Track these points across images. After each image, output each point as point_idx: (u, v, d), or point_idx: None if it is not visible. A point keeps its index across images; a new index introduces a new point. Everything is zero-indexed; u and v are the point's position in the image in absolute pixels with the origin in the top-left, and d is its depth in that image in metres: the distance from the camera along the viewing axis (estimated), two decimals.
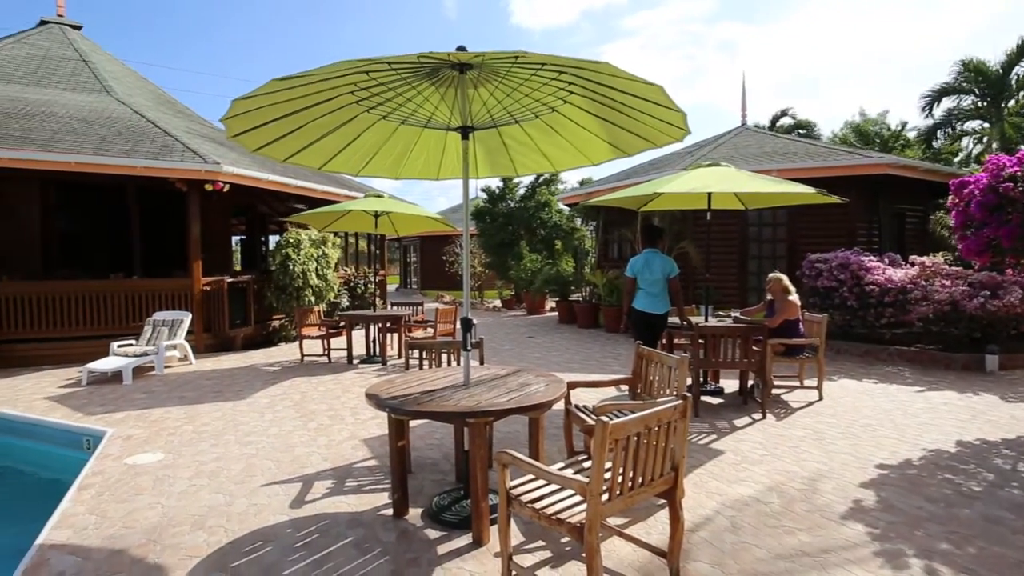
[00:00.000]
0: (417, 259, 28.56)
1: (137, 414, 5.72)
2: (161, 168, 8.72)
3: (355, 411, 5.75)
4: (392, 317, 8.33)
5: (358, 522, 3.36)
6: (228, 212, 13.17)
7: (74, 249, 11.87)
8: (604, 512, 2.42)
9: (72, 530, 3.32)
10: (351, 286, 12.03)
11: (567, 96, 3.39)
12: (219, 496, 3.75)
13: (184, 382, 7.23)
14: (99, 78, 13.34)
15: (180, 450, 4.65)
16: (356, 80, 3.17)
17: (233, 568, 2.89)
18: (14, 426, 5.68)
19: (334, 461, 4.36)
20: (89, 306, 8.84)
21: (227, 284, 9.58)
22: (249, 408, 5.91)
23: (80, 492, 3.85)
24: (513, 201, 17.66)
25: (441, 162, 4.44)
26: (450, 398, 3.14)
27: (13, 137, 8.52)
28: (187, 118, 14.29)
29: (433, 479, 3.98)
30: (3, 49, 13.71)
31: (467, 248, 3.61)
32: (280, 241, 10.22)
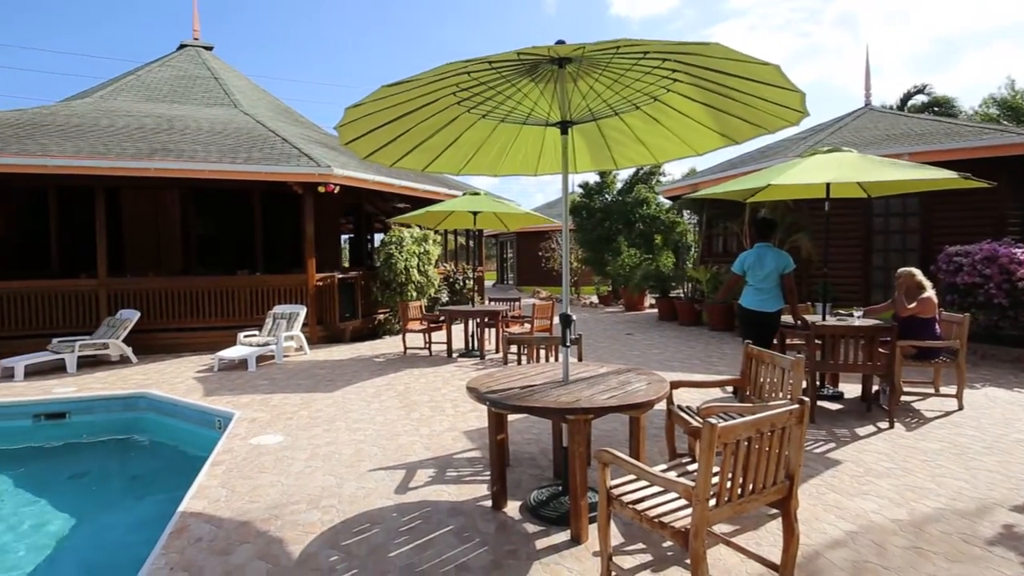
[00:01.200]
0: (513, 255, 28.91)
1: (260, 399, 6.24)
2: (281, 173, 9.44)
3: (455, 403, 5.91)
4: (490, 312, 8.48)
5: (458, 511, 3.45)
6: (338, 212, 14.04)
7: (207, 248, 13.18)
8: (711, 518, 2.30)
9: (207, 501, 3.68)
10: (450, 282, 12.39)
11: (670, 84, 3.26)
12: (331, 478, 4.00)
13: (300, 371, 7.79)
14: (228, 93, 14.71)
15: (297, 433, 5.02)
16: (458, 81, 3.23)
17: (344, 546, 3.06)
18: (161, 405, 6.40)
19: (435, 451, 4.51)
20: (219, 300, 9.77)
21: (337, 280, 10.20)
22: (357, 397, 6.25)
23: (213, 467, 4.26)
24: (611, 195, 17.36)
25: (539, 157, 4.44)
26: (549, 394, 3.12)
27: (160, 150, 9.58)
28: (302, 125, 15.39)
29: (531, 474, 4.00)
30: (151, 72, 15.50)
31: (566, 243, 3.58)
32: (384, 239, 10.73)
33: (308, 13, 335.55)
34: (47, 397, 6.55)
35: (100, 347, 8.39)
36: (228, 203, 12.99)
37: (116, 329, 8.61)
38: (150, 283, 9.73)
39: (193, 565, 2.90)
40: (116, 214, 11.58)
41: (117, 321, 8.79)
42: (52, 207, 11.44)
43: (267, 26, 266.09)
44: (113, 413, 6.53)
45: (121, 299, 9.38)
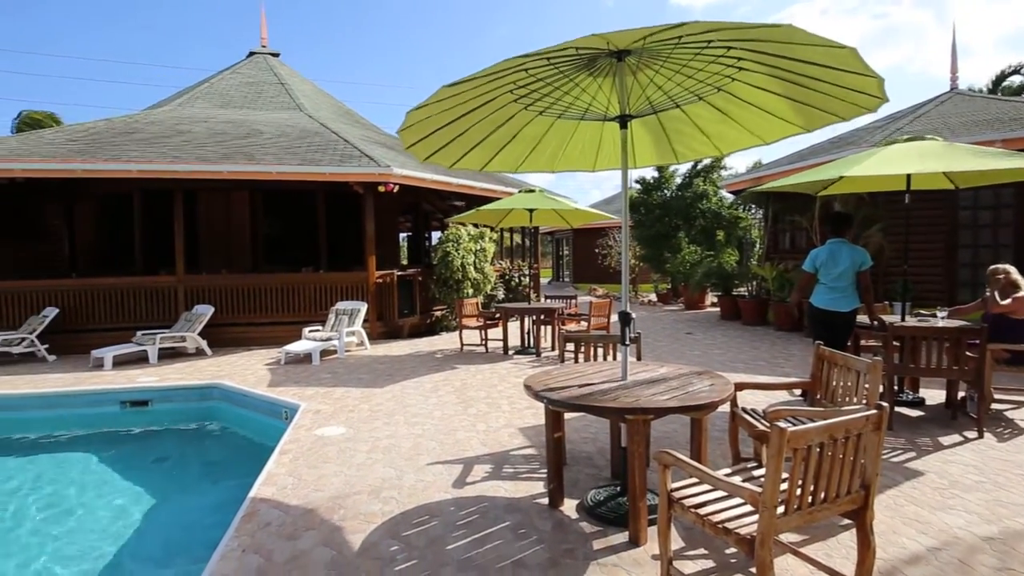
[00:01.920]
0: (569, 252, 28.75)
1: (323, 391, 6.46)
2: (343, 173, 9.73)
3: (511, 400, 5.92)
4: (546, 310, 8.45)
5: (515, 508, 3.45)
6: (396, 211, 14.36)
7: (274, 247, 13.76)
8: (778, 527, 2.20)
9: (275, 487, 3.83)
10: (506, 279, 12.45)
11: (736, 72, 3.13)
12: (391, 470, 4.09)
13: (361, 365, 8.02)
14: (293, 97, 15.30)
15: (359, 426, 5.16)
16: (515, 79, 3.22)
17: (404, 537, 3.13)
18: (232, 396, 6.74)
19: (492, 447, 4.53)
20: (286, 296, 10.19)
21: (396, 277, 10.44)
22: (416, 392, 6.37)
23: (280, 456, 4.44)
24: (670, 190, 16.93)
25: (597, 153, 4.37)
26: (608, 393, 3.07)
27: (232, 153, 10.08)
28: (363, 127, 15.83)
29: (588, 473, 3.95)
30: (223, 80, 16.32)
31: (626, 240, 3.51)
32: (441, 237, 10.89)
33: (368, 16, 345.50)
34: (132, 386, 7.02)
35: (178, 340, 8.92)
36: (293, 203, 13.51)
37: (192, 323, 9.14)
38: (222, 280, 10.27)
39: (263, 548, 3.03)
40: (192, 215, 12.26)
41: (193, 316, 9.32)
42: (137, 210, 12.25)
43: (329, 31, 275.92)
44: (190, 402, 6.93)
45: (197, 295, 9.94)
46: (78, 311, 9.62)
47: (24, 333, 8.77)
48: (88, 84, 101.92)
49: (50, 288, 9.68)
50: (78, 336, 9.39)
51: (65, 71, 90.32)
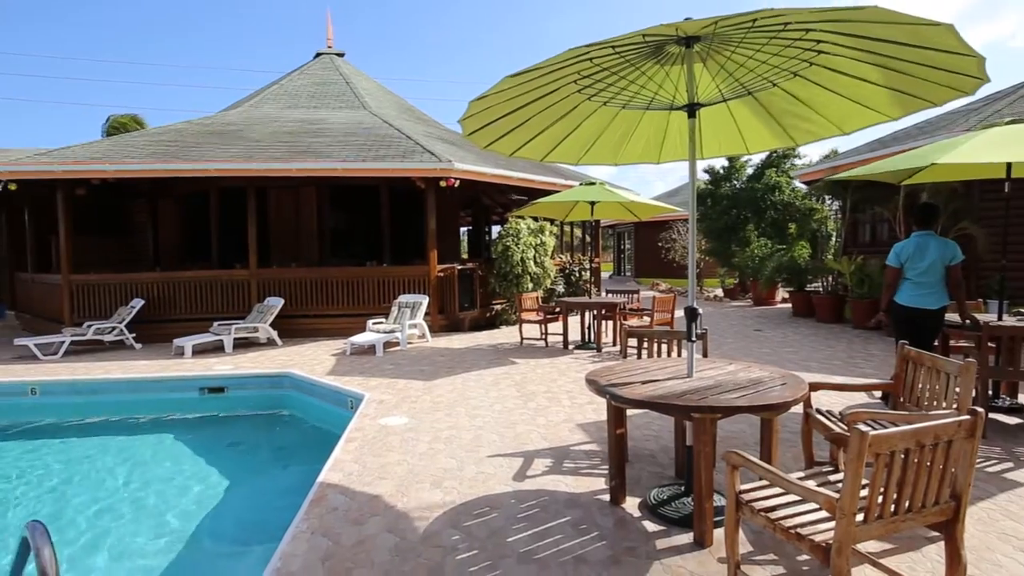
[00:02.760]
0: (631, 246, 28.25)
1: (387, 382, 6.62)
2: (405, 169, 9.93)
3: (571, 394, 5.88)
4: (607, 304, 8.34)
5: (575, 503, 3.42)
6: (457, 206, 14.52)
7: (339, 241, 14.22)
8: (857, 536, 2.08)
9: (342, 474, 3.96)
10: (566, 273, 12.37)
11: (815, 56, 2.96)
12: (452, 461, 4.14)
13: (422, 357, 8.17)
14: (357, 96, 15.73)
15: (421, 416, 5.26)
16: (579, 68, 3.17)
17: (465, 527, 3.16)
18: (301, 384, 7.02)
19: (552, 441, 4.51)
20: (351, 289, 10.52)
21: (457, 271, 10.58)
22: (476, 385, 6.44)
23: (347, 444, 4.58)
24: (739, 181, 16.31)
25: (663, 144, 4.25)
26: (673, 389, 2.99)
27: (301, 151, 10.48)
28: (425, 123, 16.09)
29: (651, 471, 3.87)
30: (292, 81, 16.99)
31: (693, 233, 3.39)
32: (501, 231, 10.93)
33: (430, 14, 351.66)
34: (210, 373, 7.44)
35: (251, 330, 9.38)
36: (358, 198, 13.91)
37: (264, 315, 9.58)
38: (291, 273, 10.72)
39: (331, 531, 3.14)
40: (263, 211, 12.83)
41: (265, 307, 9.77)
42: (213, 206, 12.96)
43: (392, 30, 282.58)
44: (262, 390, 7.27)
45: (268, 287, 10.41)
46: (161, 302, 10.29)
47: (115, 322, 9.46)
48: (170, 89, 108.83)
49: (137, 280, 10.40)
50: (161, 326, 10.04)
51: (148, 77, 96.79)
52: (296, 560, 2.86)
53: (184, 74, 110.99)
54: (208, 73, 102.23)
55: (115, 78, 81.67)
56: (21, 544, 1.82)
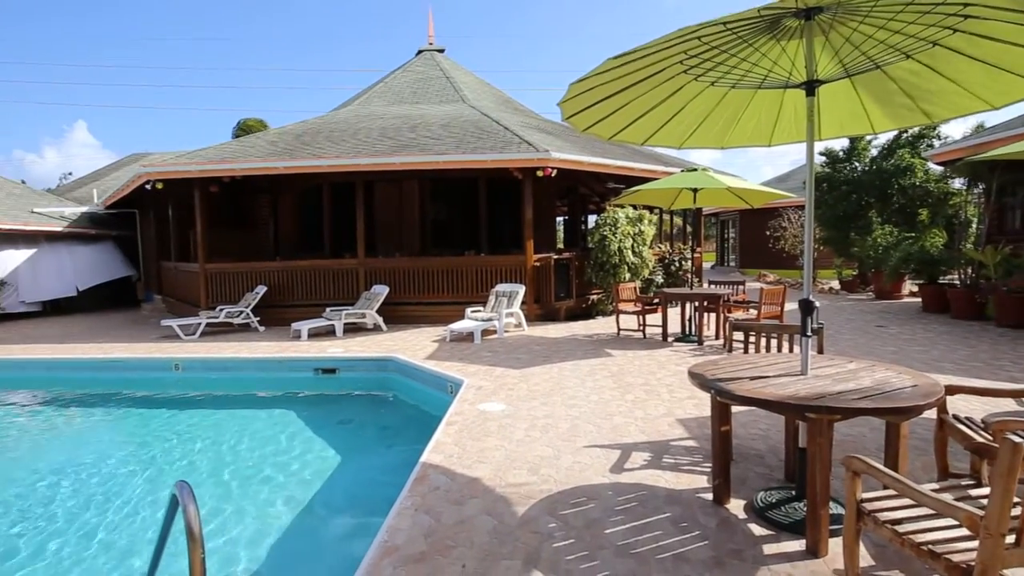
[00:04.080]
0: (736, 235, 26.82)
1: (485, 369, 6.77)
2: (503, 160, 10.05)
3: (671, 388, 5.71)
4: (710, 296, 7.99)
5: (675, 500, 3.32)
6: (554, 195, 14.49)
7: (440, 231, 14.69)
8: (1006, 559, 1.86)
9: (443, 455, 4.11)
10: (666, 263, 11.99)
11: (959, 23, 2.63)
12: (549, 449, 4.16)
13: (519, 346, 8.27)
14: (457, 89, 16.11)
15: (517, 404, 5.33)
16: (687, 48, 3.03)
17: (561, 516, 3.17)
18: (404, 368, 7.35)
19: (650, 435, 4.40)
20: (450, 278, 10.85)
21: (553, 261, 10.57)
22: (572, 374, 6.42)
23: (447, 427, 4.74)
24: (861, 164, 14.92)
25: (775, 125, 3.98)
26: (785, 387, 2.81)
27: (404, 145, 10.92)
28: (522, 114, 16.18)
29: (757, 472, 3.67)
30: (396, 79, 17.71)
31: (810, 220, 3.15)
32: (598, 220, 10.77)
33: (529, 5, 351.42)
34: (323, 355, 7.98)
35: (359, 316, 9.94)
36: (457, 190, 14.29)
37: (371, 301, 10.12)
38: (396, 263, 11.23)
39: (433, 510, 3.27)
40: (370, 203, 13.52)
41: (372, 295, 10.32)
42: (325, 200, 13.84)
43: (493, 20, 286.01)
44: (369, 372, 7.70)
45: (374, 276, 10.98)
46: (281, 289, 11.18)
47: (242, 307, 10.40)
48: (290, 92, 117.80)
49: (260, 269, 11.37)
50: (281, 310, 10.91)
51: (271, 81, 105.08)
52: (401, 534, 3.01)
53: (302, 77, 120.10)
54: (323, 76, 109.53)
55: (243, 84, 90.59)
56: (171, 500, 2.06)
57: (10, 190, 17.15)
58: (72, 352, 8.90)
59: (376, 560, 2.78)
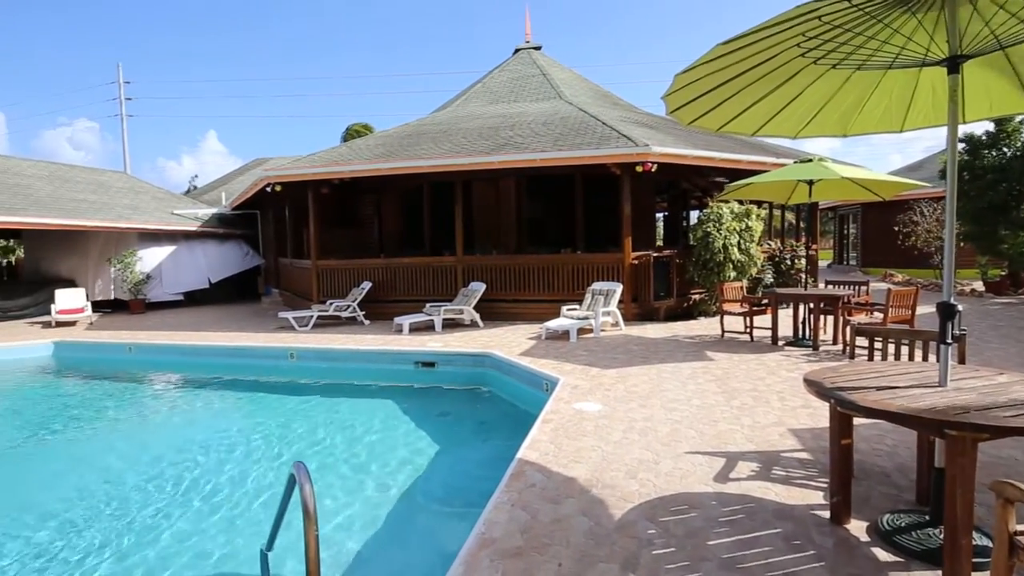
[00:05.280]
0: (857, 230, 24.61)
1: (581, 368, 6.70)
2: (601, 155, 9.88)
3: (782, 396, 5.34)
4: (828, 297, 7.38)
5: (786, 514, 3.09)
6: (653, 191, 14.08)
7: (535, 229, 14.75)
8: None
9: (538, 452, 4.10)
10: (775, 261, 11.25)
11: None
12: (648, 453, 4.03)
13: (615, 345, 8.11)
14: (554, 87, 16.07)
15: (614, 405, 5.22)
16: (804, 29, 2.81)
17: (661, 522, 3.05)
18: (500, 364, 7.44)
19: (759, 444, 4.14)
20: (545, 276, 10.85)
21: (652, 259, 10.26)
22: (672, 377, 6.19)
23: (543, 424, 4.73)
24: (1011, 149, 13.14)
25: (908, 108, 3.60)
26: (919, 399, 2.52)
27: (501, 144, 11.05)
28: (621, 108, 15.85)
29: (882, 491, 3.34)
30: (493, 78, 17.97)
31: (951, 214, 2.80)
32: (701, 216, 10.31)
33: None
34: (423, 349, 8.27)
35: (457, 312, 10.20)
36: (554, 187, 14.27)
37: (468, 298, 10.35)
38: (492, 260, 11.41)
39: (529, 506, 3.27)
40: (468, 202, 13.84)
41: (469, 292, 10.55)
42: (426, 199, 14.34)
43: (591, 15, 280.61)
44: (466, 367, 7.88)
45: (472, 273, 11.23)
46: (384, 285, 11.73)
47: (349, 301, 11.03)
48: (392, 97, 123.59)
49: (365, 266, 12.01)
50: (384, 305, 11.45)
51: (376, 87, 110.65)
52: (498, 527, 3.03)
53: (404, 81, 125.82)
54: (424, 79, 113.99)
55: (352, 91, 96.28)
56: (289, 479, 2.20)
57: (155, 194, 19.33)
58: (204, 339, 9.87)
59: (474, 551, 2.82)
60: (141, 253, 15.30)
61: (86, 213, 14.14)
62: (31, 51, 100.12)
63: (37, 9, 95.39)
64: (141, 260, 15.20)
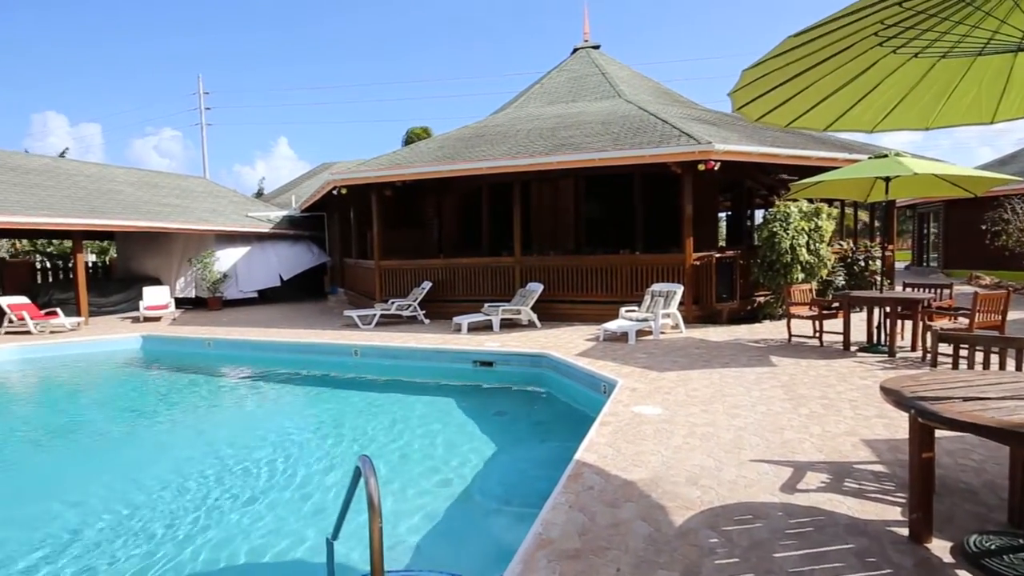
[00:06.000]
0: (938, 230, 23.02)
1: (639, 371, 6.59)
2: (661, 154, 9.68)
3: (855, 404, 5.06)
4: (906, 300, 6.95)
5: (859, 530, 2.93)
6: (715, 189, 13.67)
7: (593, 229, 14.61)
8: None
9: (597, 455, 4.06)
10: (848, 263, 10.68)
11: None
12: (709, 460, 3.92)
13: (676, 348, 7.92)
14: (612, 85, 15.87)
15: (675, 409, 5.10)
16: (883, 16, 2.67)
17: (724, 532, 2.96)
18: (558, 365, 7.42)
19: (829, 454, 3.95)
20: (604, 276, 10.73)
21: (715, 259, 9.96)
22: (735, 381, 5.99)
23: (601, 427, 4.68)
24: None
25: (1001, 98, 3.35)
26: (1015, 412, 2.33)
27: (559, 144, 11.02)
28: (682, 105, 15.48)
29: (969, 510, 3.11)
30: (551, 79, 17.94)
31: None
32: (767, 215, 9.93)
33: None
34: (481, 348, 8.35)
35: (515, 312, 10.25)
36: (612, 187, 14.10)
37: (526, 298, 10.38)
38: (550, 261, 11.39)
39: (587, 508, 3.25)
40: (526, 203, 13.87)
41: (527, 292, 10.58)
42: (484, 200, 14.48)
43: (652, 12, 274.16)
44: (523, 367, 7.90)
45: (529, 273, 11.25)
46: (443, 285, 11.93)
47: (410, 300, 11.29)
48: (451, 99, 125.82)
49: (426, 266, 12.26)
50: (443, 305, 11.66)
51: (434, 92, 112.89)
52: (555, 528, 3.03)
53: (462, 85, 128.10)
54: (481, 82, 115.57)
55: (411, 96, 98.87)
56: (355, 472, 2.28)
57: (231, 198, 20.43)
58: (275, 336, 10.35)
59: (531, 550, 2.83)
60: (219, 253, 16.23)
61: (170, 216, 15.12)
62: (124, 66, 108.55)
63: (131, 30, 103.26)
64: (219, 260, 16.13)
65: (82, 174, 16.70)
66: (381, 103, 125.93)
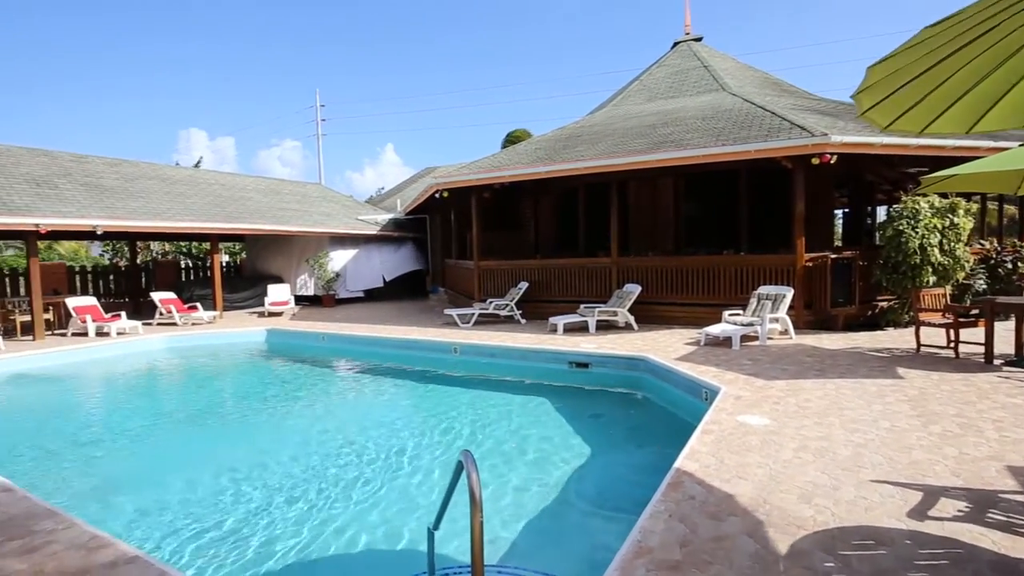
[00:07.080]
0: None
1: (744, 379, 6.27)
2: (770, 148, 9.13)
3: (1000, 425, 4.51)
4: None
5: (1009, 569, 2.62)
6: (830, 185, 12.69)
7: (694, 229, 14.06)
8: None
9: (698, 464, 3.93)
10: (991, 264, 9.52)
11: None
12: (824, 477, 3.66)
13: (785, 355, 7.45)
14: (716, 78, 15.18)
15: (784, 420, 4.81)
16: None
17: (841, 556, 2.76)
18: (656, 369, 7.24)
19: (968, 480, 3.55)
20: (705, 278, 10.31)
21: (830, 260, 9.26)
22: (854, 394, 5.54)
23: (703, 435, 4.52)
24: None
25: None
26: None
27: (658, 142, 10.72)
28: (792, 95, 14.52)
29: None
30: (650, 75, 17.47)
31: None
32: (891, 212, 9.07)
33: None
34: (577, 350, 8.32)
35: (611, 314, 10.11)
36: (714, 184, 13.49)
37: (623, 300, 10.21)
38: (648, 261, 11.12)
39: (687, 519, 3.15)
40: (624, 203, 13.63)
41: (624, 293, 10.40)
42: (580, 201, 14.40)
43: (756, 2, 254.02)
44: (620, 370, 7.78)
45: (627, 274, 11.05)
46: (539, 285, 12.02)
47: (507, 300, 11.48)
48: (550, 100, 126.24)
49: (522, 267, 12.41)
50: (539, 305, 11.74)
51: (535, 94, 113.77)
52: (654, 537, 2.97)
53: (560, 85, 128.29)
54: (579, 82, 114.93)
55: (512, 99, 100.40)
56: (457, 466, 2.37)
57: (343, 203, 21.82)
58: (382, 332, 10.93)
59: (629, 558, 2.79)
60: (332, 254, 17.42)
61: (291, 220, 16.43)
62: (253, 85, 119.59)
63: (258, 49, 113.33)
64: (332, 260, 17.32)
65: (218, 183, 18.55)
66: (483, 107, 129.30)
